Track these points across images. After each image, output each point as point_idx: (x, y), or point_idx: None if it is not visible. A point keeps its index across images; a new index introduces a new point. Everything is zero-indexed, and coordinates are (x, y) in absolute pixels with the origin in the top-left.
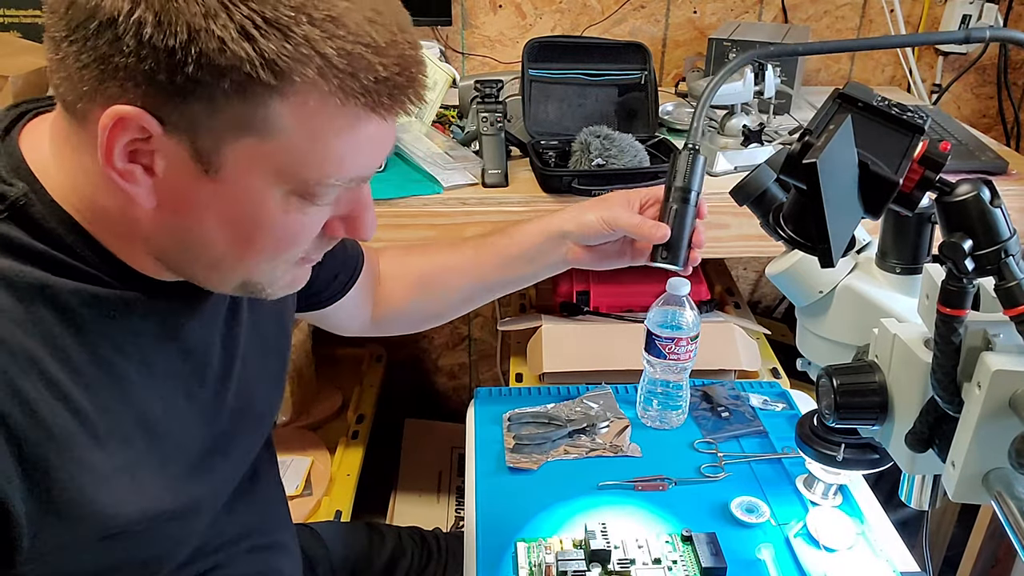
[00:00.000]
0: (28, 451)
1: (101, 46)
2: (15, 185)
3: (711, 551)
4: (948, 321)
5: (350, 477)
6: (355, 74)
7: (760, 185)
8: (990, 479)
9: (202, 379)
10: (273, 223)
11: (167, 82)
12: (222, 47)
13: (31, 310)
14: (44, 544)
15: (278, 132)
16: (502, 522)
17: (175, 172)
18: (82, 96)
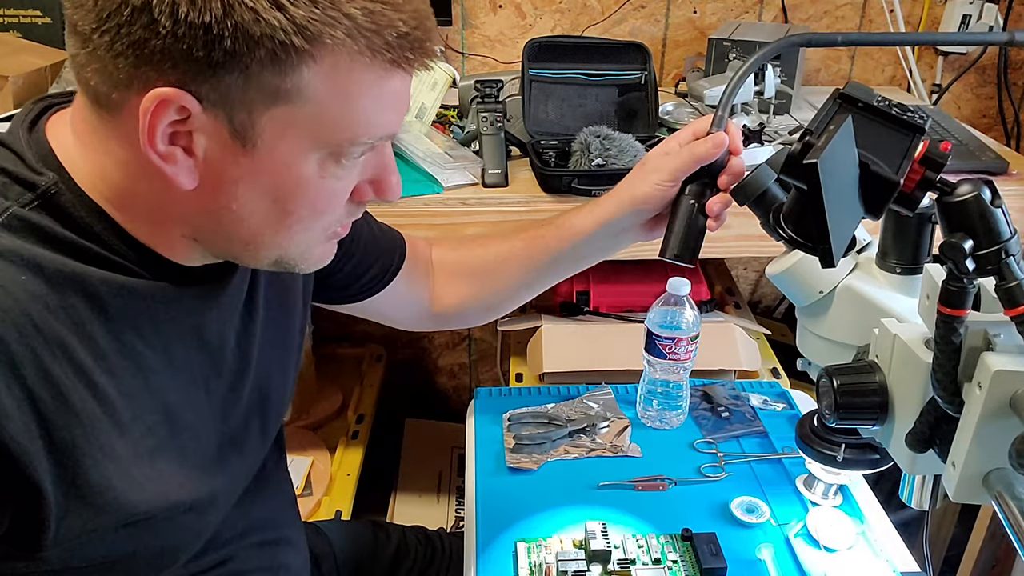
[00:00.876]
0: (57, 435)
1: (136, 31)
2: (45, 174)
3: (711, 551)
4: (948, 321)
5: (350, 477)
6: (379, 31)
7: (760, 185)
8: (990, 479)
9: (219, 372)
10: (309, 189)
11: (204, 58)
12: (256, 17)
13: (63, 297)
14: (69, 529)
15: (310, 97)
16: (502, 522)
17: (214, 150)
18: (117, 85)
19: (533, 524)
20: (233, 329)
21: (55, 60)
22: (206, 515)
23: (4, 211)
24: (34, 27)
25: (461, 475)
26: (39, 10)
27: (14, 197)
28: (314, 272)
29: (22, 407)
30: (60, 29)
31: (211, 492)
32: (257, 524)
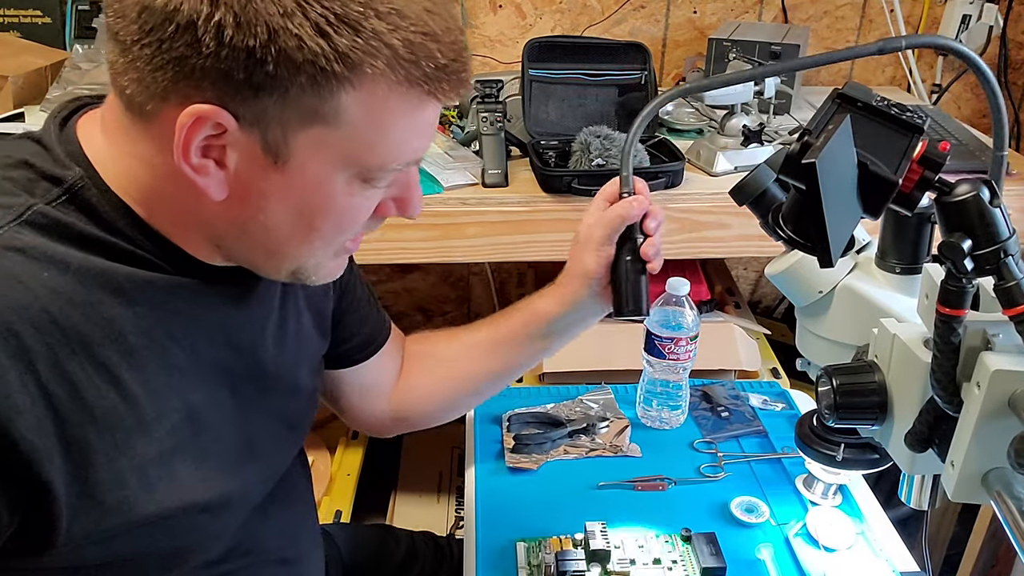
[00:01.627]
0: (71, 433)
1: (178, 48)
2: (71, 169)
3: (711, 551)
4: (947, 321)
5: (350, 477)
6: (417, 62)
7: (760, 185)
8: (989, 479)
9: (247, 374)
10: (335, 206)
11: (244, 80)
12: (300, 44)
13: (89, 293)
14: (80, 528)
15: (346, 121)
16: (502, 522)
17: (246, 164)
18: (153, 96)
19: (533, 524)
20: (266, 334)
21: (55, 60)
22: (220, 518)
23: (29, 208)
24: (34, 27)
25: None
26: (39, 10)
27: (40, 193)
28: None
29: (36, 403)
30: (60, 29)
31: (226, 494)
32: (277, 538)
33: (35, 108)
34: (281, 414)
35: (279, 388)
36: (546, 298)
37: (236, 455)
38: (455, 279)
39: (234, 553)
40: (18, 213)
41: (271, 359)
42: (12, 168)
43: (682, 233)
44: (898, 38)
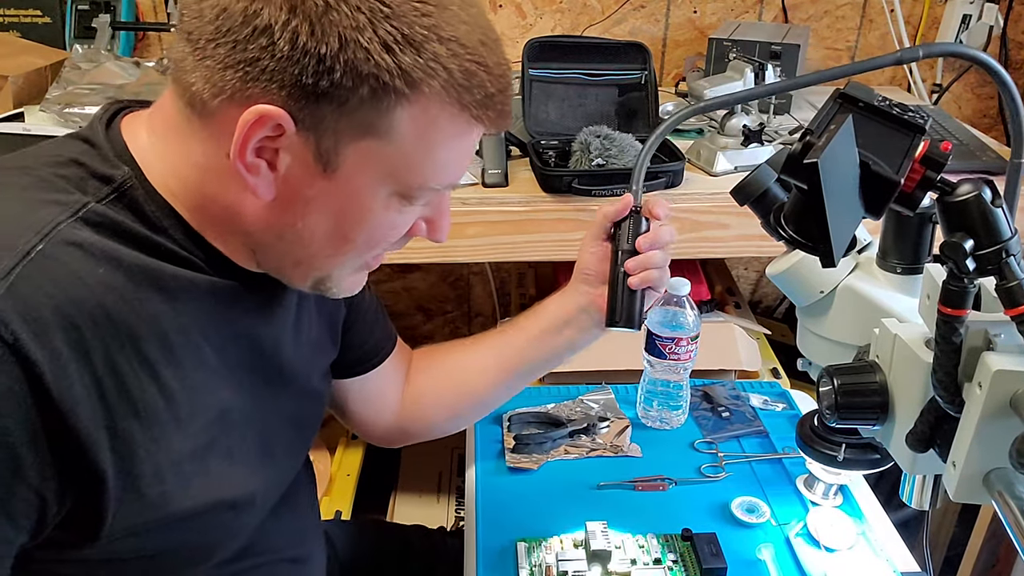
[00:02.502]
0: (119, 425)
1: (252, 49)
2: (120, 168)
3: (711, 551)
4: (949, 321)
5: (350, 477)
6: (470, 88)
7: (761, 185)
8: (991, 479)
9: (265, 378)
10: (371, 220)
11: (311, 86)
12: (367, 57)
13: (138, 290)
14: (122, 520)
15: (397, 137)
16: (502, 522)
17: (296, 169)
18: (219, 94)
19: (533, 524)
20: (286, 338)
21: (55, 60)
22: (243, 516)
23: (84, 205)
24: (34, 27)
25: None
26: (39, 10)
27: (92, 191)
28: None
29: (91, 395)
30: (60, 29)
31: (250, 493)
32: (287, 538)
33: (35, 108)
34: (295, 417)
35: (294, 392)
36: (555, 303)
37: (258, 455)
38: (455, 279)
39: (248, 552)
40: (74, 210)
41: (288, 363)
42: (63, 166)
43: (682, 233)
44: (916, 48)
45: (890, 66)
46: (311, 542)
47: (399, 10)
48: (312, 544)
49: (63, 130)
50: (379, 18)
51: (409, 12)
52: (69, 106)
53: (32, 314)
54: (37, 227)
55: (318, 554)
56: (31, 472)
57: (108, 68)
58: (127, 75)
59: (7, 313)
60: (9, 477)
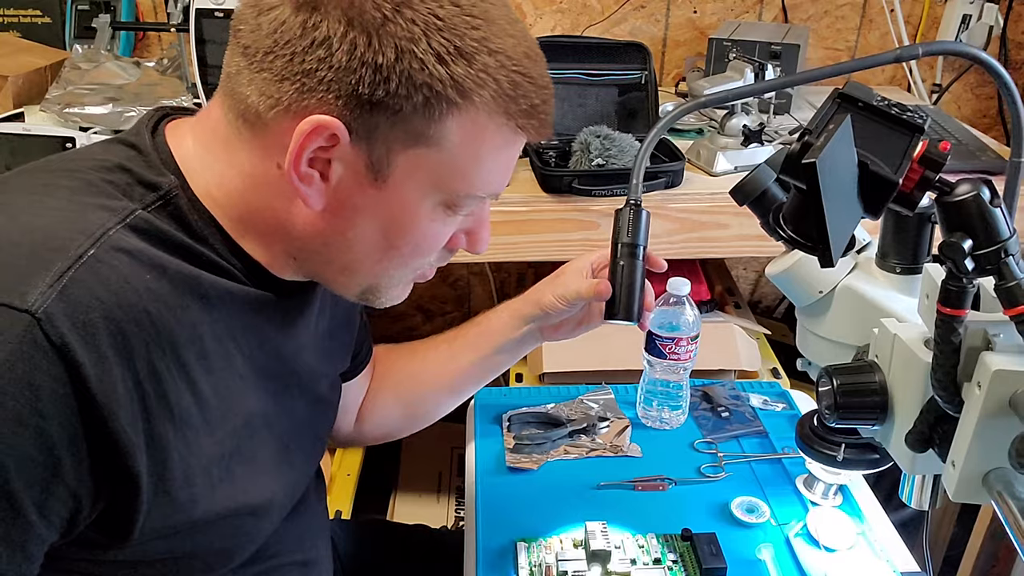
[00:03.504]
0: (155, 429)
1: (310, 61)
2: (167, 177)
3: (711, 551)
4: (948, 321)
5: (350, 477)
6: (516, 99)
7: (760, 185)
8: (990, 479)
9: (286, 384)
10: (418, 228)
11: (367, 95)
12: (422, 67)
13: (181, 297)
14: (153, 522)
15: (447, 145)
16: (502, 522)
17: (347, 178)
18: (275, 105)
19: (533, 524)
20: (304, 348)
21: (55, 60)
22: (262, 521)
23: (131, 212)
24: (34, 27)
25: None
26: (39, 10)
27: (139, 198)
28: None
29: (132, 398)
30: (60, 29)
31: (270, 498)
32: (298, 541)
33: (35, 108)
34: (312, 423)
35: (311, 399)
36: (500, 314)
37: (278, 461)
38: (455, 279)
39: (261, 556)
40: (123, 216)
41: (306, 371)
42: (110, 171)
43: (682, 233)
44: (915, 46)
45: (889, 64)
46: (320, 545)
47: (451, 23)
48: (321, 547)
49: (63, 130)
50: (433, 30)
51: (460, 25)
52: (69, 106)
53: (82, 318)
54: (88, 231)
55: (326, 556)
56: (69, 473)
57: (108, 68)
58: (127, 75)
59: (58, 316)
60: (48, 477)
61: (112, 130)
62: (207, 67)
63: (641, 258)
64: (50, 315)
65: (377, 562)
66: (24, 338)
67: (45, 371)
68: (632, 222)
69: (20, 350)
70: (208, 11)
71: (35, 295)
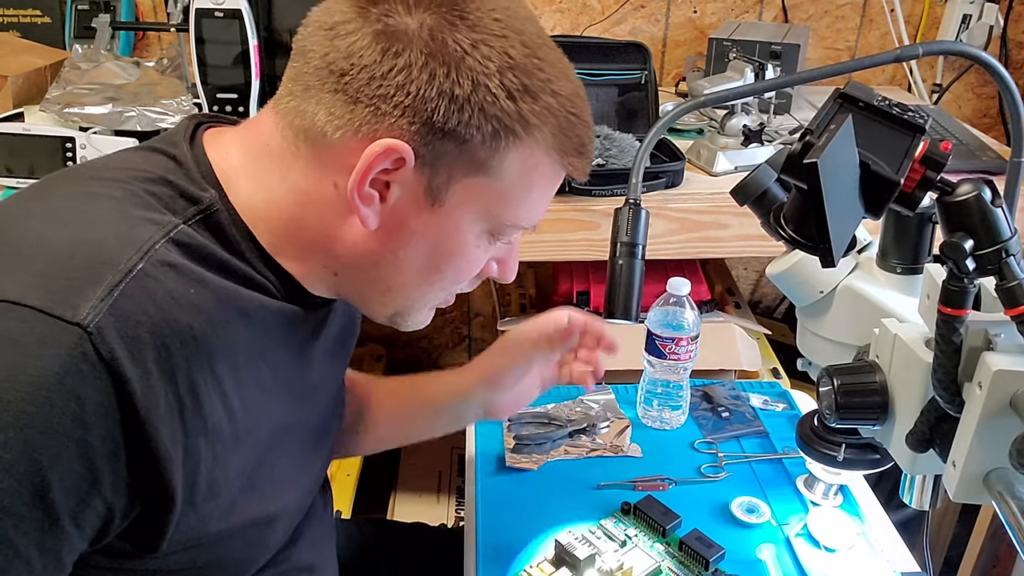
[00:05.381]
0: (190, 442)
1: (387, 87)
2: (208, 191)
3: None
4: (949, 321)
5: (350, 477)
6: (569, 137)
7: (761, 185)
8: (991, 479)
9: (304, 396)
10: (464, 254)
11: (440, 123)
12: (495, 101)
13: (223, 312)
14: (181, 534)
15: (504, 176)
16: (502, 522)
17: (405, 201)
18: (344, 126)
19: (533, 524)
20: (320, 360)
21: (55, 60)
22: (278, 530)
23: (175, 227)
24: (34, 27)
25: (461, 475)
26: (39, 10)
27: (180, 212)
28: None
29: (172, 413)
30: (60, 29)
31: (287, 507)
32: (306, 548)
33: (35, 108)
34: (323, 432)
35: (323, 408)
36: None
37: (296, 470)
38: None
39: (272, 563)
40: (167, 231)
41: (319, 381)
42: (153, 183)
43: (682, 233)
44: (916, 45)
45: (889, 63)
46: (326, 550)
47: (521, 63)
48: (327, 552)
49: (63, 130)
50: (505, 68)
51: (529, 66)
52: (69, 106)
53: (131, 333)
54: (137, 245)
55: (331, 561)
56: (107, 485)
57: (108, 68)
58: (127, 75)
59: (107, 331)
60: (86, 489)
61: (112, 130)
62: (207, 67)
63: (640, 257)
64: (101, 329)
65: (376, 561)
66: (74, 351)
67: (92, 384)
68: (631, 221)
69: (70, 363)
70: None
71: (87, 308)
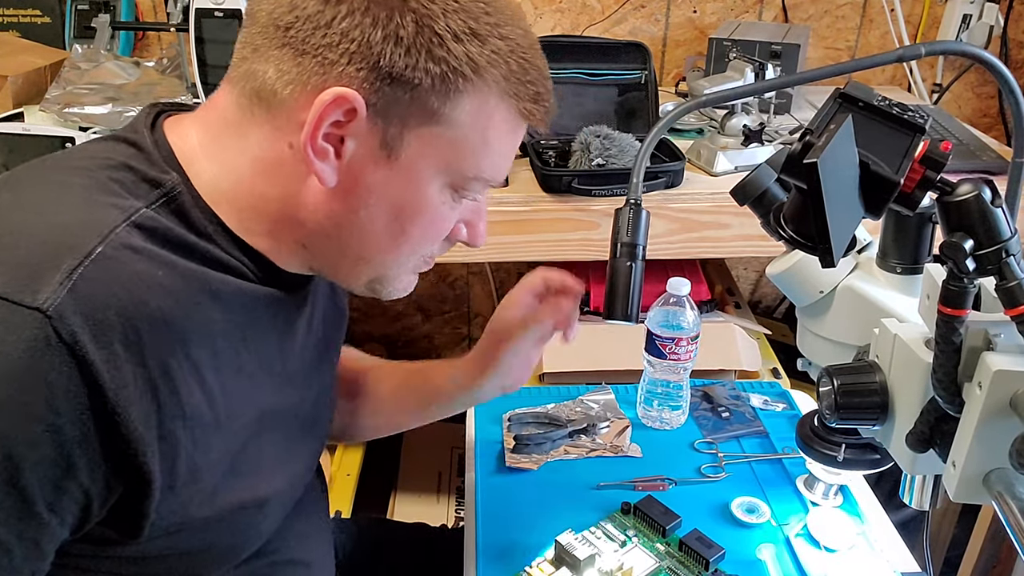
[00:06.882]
0: (166, 426)
1: (332, 35)
2: (169, 174)
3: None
4: (949, 321)
5: (350, 477)
6: (524, 83)
7: (761, 185)
8: (991, 479)
9: (290, 381)
10: (428, 211)
11: (386, 68)
12: (441, 42)
13: (193, 294)
14: (162, 519)
15: (458, 125)
16: (502, 522)
17: (360, 156)
18: (293, 81)
19: (533, 524)
20: (303, 344)
21: (55, 60)
22: (267, 517)
23: (137, 210)
24: (34, 27)
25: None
26: (39, 10)
27: (142, 196)
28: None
29: (144, 396)
30: (60, 29)
31: (275, 493)
32: (297, 539)
33: (35, 108)
34: (312, 418)
35: (310, 393)
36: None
37: (283, 456)
38: (454, 279)
39: (262, 553)
40: (129, 214)
41: (305, 366)
42: (116, 169)
43: (682, 233)
44: (917, 45)
45: (891, 64)
46: (321, 546)
47: (465, 6)
48: (322, 548)
49: (63, 130)
50: (450, 11)
51: (475, 9)
52: (69, 106)
53: (94, 315)
54: (98, 229)
55: (327, 557)
56: (82, 471)
57: (108, 68)
58: (127, 75)
59: (68, 314)
60: (60, 476)
61: (111, 130)
62: (207, 67)
63: (641, 258)
64: (61, 313)
65: (375, 561)
66: (38, 335)
67: (57, 368)
68: (632, 221)
69: (34, 347)
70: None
71: (47, 293)
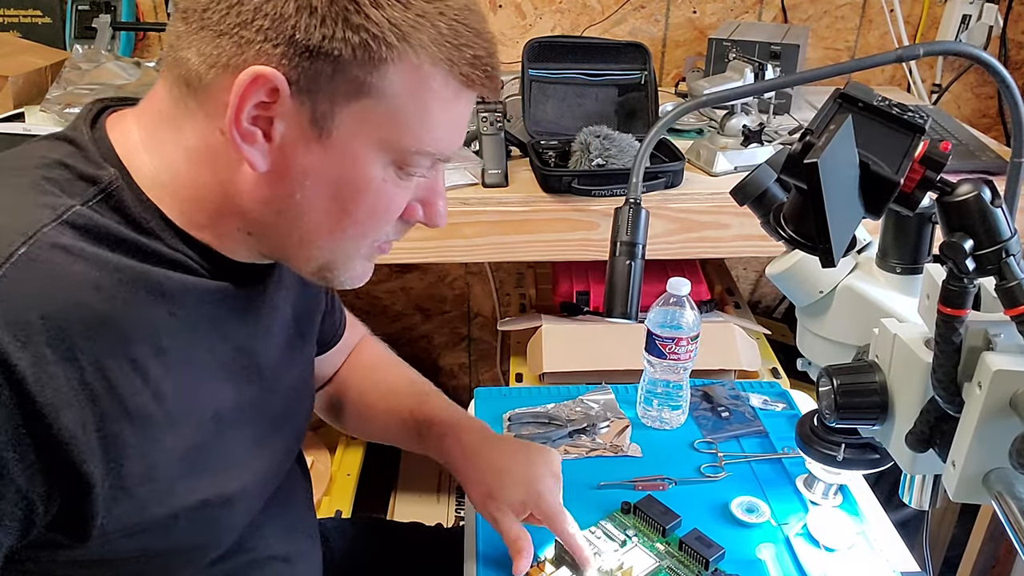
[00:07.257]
0: (108, 428)
1: (245, 12)
2: (106, 170)
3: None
4: (949, 321)
5: (350, 477)
6: (459, 47)
7: (760, 185)
8: (990, 479)
9: (252, 376)
10: (370, 191)
11: (303, 42)
12: (357, 9)
13: (130, 292)
14: (114, 521)
15: (390, 96)
16: None
17: (291, 136)
18: (215, 64)
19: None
20: (266, 339)
21: (55, 60)
22: (235, 513)
23: (68, 208)
24: (34, 27)
25: None
26: (39, 10)
27: (78, 193)
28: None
29: (78, 397)
30: (60, 29)
31: (242, 489)
32: (278, 536)
33: (35, 108)
34: (282, 414)
35: (278, 389)
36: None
37: (249, 453)
38: (454, 279)
39: (238, 549)
40: (58, 213)
41: (278, 362)
42: (49, 168)
43: (682, 233)
44: (916, 45)
45: (890, 64)
46: (303, 541)
47: None
48: (304, 543)
49: None
50: None
51: None
52: (69, 106)
53: (14, 318)
54: (21, 230)
55: (311, 553)
56: (17, 475)
57: (108, 68)
58: (127, 75)
59: None
60: None
61: None
62: None
63: (640, 256)
64: None
65: (375, 561)
66: None
67: None
68: (631, 221)
69: None
70: None
71: None
